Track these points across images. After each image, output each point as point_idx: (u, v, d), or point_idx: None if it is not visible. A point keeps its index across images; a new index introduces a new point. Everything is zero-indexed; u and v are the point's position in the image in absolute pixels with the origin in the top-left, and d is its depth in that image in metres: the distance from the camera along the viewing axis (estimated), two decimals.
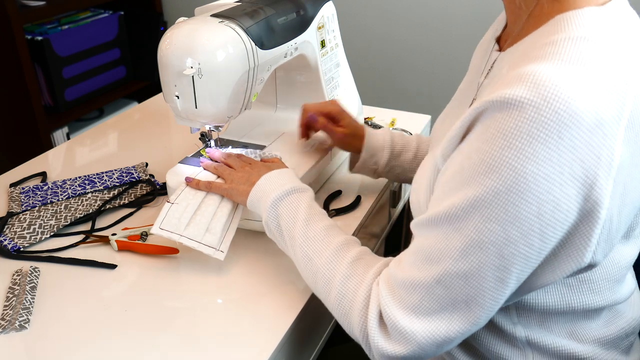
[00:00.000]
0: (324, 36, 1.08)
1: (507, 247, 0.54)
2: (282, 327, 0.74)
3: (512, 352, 0.68)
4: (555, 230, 0.54)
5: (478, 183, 0.54)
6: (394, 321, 0.60)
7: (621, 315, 0.70)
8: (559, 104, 0.50)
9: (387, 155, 0.96)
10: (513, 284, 0.57)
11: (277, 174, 0.82)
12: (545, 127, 0.50)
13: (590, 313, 0.67)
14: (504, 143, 0.52)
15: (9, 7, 1.75)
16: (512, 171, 0.52)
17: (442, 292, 0.58)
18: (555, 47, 0.54)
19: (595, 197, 0.53)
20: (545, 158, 0.51)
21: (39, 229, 0.91)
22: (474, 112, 0.56)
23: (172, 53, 0.83)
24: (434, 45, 1.98)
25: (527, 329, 0.67)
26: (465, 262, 0.56)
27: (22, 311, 0.75)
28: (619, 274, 0.66)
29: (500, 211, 0.53)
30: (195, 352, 0.71)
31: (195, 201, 0.85)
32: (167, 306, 0.78)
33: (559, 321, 0.67)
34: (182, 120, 0.91)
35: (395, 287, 0.61)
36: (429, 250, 0.59)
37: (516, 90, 0.52)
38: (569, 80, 0.51)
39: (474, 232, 0.55)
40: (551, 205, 0.52)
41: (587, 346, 0.68)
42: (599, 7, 0.58)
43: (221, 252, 0.82)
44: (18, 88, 1.85)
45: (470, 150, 0.56)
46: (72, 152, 1.22)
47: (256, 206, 0.81)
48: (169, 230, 0.82)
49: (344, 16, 1.39)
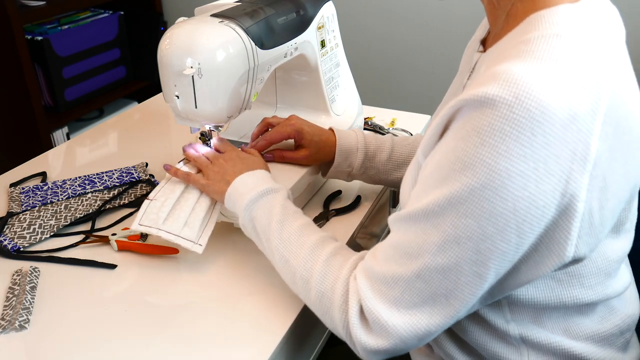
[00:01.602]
0: (324, 36, 1.08)
1: (484, 243, 0.55)
2: (282, 327, 0.74)
3: (507, 349, 0.69)
4: (532, 225, 0.54)
5: (454, 180, 0.55)
6: (375, 315, 0.61)
7: (616, 311, 0.70)
8: (531, 101, 0.51)
9: (361, 157, 0.94)
10: (491, 278, 0.58)
11: (250, 176, 0.82)
12: (518, 124, 0.51)
13: (583, 308, 0.67)
14: (478, 141, 0.53)
15: (9, 7, 1.75)
16: (487, 168, 0.53)
17: (422, 286, 0.59)
18: (528, 46, 0.55)
19: (572, 191, 0.53)
20: (519, 155, 0.52)
21: (39, 229, 0.91)
22: (450, 110, 0.56)
23: (172, 53, 0.83)
24: (434, 45, 1.98)
25: (520, 326, 0.67)
26: (443, 257, 0.57)
27: (22, 311, 0.75)
28: (609, 268, 0.66)
29: (475, 207, 0.54)
30: (195, 352, 0.71)
31: (174, 196, 0.86)
32: (167, 306, 0.78)
33: (553, 317, 0.67)
34: (182, 120, 0.91)
35: (375, 281, 0.62)
36: (407, 245, 0.60)
37: (489, 89, 0.52)
38: (541, 78, 0.52)
39: (450, 227, 0.56)
40: (527, 202, 0.53)
41: (582, 343, 0.68)
42: (572, 5, 0.58)
43: (199, 246, 0.82)
44: (18, 88, 1.85)
45: (447, 149, 0.57)
46: (72, 152, 1.22)
47: (232, 209, 0.81)
48: (148, 225, 0.83)
49: (344, 16, 1.39)
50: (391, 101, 2.07)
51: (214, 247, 0.89)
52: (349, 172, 0.96)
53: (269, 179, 0.82)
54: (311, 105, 1.11)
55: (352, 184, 1.07)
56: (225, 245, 0.90)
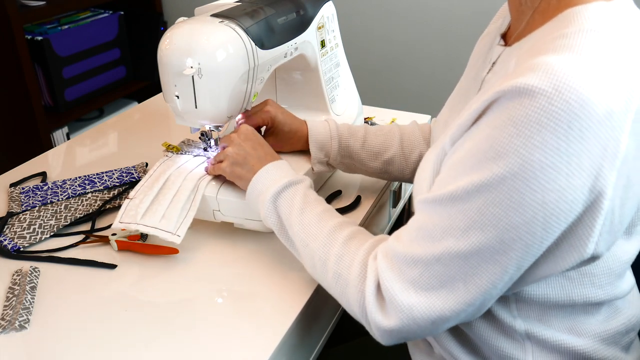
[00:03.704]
0: (324, 36, 1.08)
1: (508, 233, 0.55)
2: (282, 327, 0.74)
3: (511, 345, 0.69)
4: (559, 220, 0.54)
5: (485, 168, 0.55)
6: (391, 294, 0.61)
7: (620, 312, 0.71)
8: (571, 94, 0.51)
9: (336, 145, 0.95)
10: (512, 270, 0.57)
11: (273, 166, 0.82)
12: (556, 116, 0.51)
13: (590, 308, 0.67)
14: (514, 131, 0.53)
15: (9, 7, 1.75)
16: (520, 158, 0.53)
17: (441, 270, 0.59)
18: (566, 40, 0.55)
19: (600, 188, 0.53)
20: (554, 147, 0.52)
21: (39, 229, 0.91)
22: (486, 101, 0.56)
23: (172, 53, 0.83)
24: (434, 45, 1.98)
25: (526, 323, 0.67)
26: (466, 243, 0.57)
27: (22, 311, 0.75)
28: (620, 269, 0.66)
29: (504, 197, 0.54)
30: (195, 352, 0.71)
31: (152, 192, 0.87)
32: (167, 306, 0.78)
33: (559, 315, 0.67)
34: (182, 120, 0.91)
35: (395, 260, 0.62)
36: (431, 227, 0.60)
37: (528, 79, 0.52)
38: (582, 71, 0.51)
39: (476, 214, 0.56)
40: (556, 195, 0.53)
41: (587, 341, 0.68)
42: (606, 2, 0.59)
43: (177, 237, 0.83)
44: (18, 88, 1.85)
45: (480, 137, 0.56)
46: (72, 152, 1.22)
47: (254, 201, 0.82)
48: (127, 222, 0.84)
49: (344, 16, 1.39)
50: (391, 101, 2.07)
51: (214, 247, 0.89)
52: (327, 162, 0.97)
53: (291, 171, 0.83)
54: (311, 105, 1.11)
55: (352, 184, 1.07)
56: (225, 245, 0.90)
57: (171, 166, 0.92)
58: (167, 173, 0.90)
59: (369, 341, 0.92)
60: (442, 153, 0.64)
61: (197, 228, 0.93)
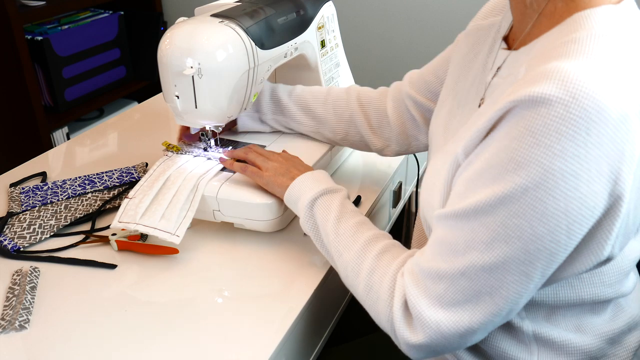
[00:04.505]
0: (324, 36, 1.08)
1: (533, 243, 0.55)
2: (283, 326, 0.74)
3: (518, 348, 0.69)
4: (581, 226, 0.54)
5: (506, 180, 0.55)
6: (418, 310, 0.61)
7: (624, 310, 0.71)
8: (587, 100, 0.50)
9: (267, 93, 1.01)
10: (538, 278, 0.57)
11: (313, 174, 0.83)
12: (574, 124, 0.51)
13: (596, 307, 0.68)
14: (533, 141, 0.53)
15: (9, 7, 1.74)
16: (541, 168, 0.52)
17: (467, 284, 0.59)
18: (577, 45, 0.54)
19: (619, 191, 0.54)
20: (574, 155, 0.51)
21: (39, 229, 0.91)
22: (500, 111, 0.56)
23: (172, 53, 0.83)
24: (434, 45, 1.97)
25: (534, 323, 0.67)
26: (490, 256, 0.57)
27: (22, 311, 0.75)
28: (628, 267, 0.67)
29: (527, 208, 0.54)
30: (195, 352, 0.71)
31: (152, 192, 0.87)
32: (167, 306, 0.78)
33: (567, 314, 0.67)
34: (182, 120, 0.91)
35: (420, 277, 0.62)
36: (454, 242, 0.60)
37: (543, 88, 0.52)
38: (595, 77, 0.51)
39: (500, 227, 0.56)
40: (578, 202, 0.53)
41: (593, 340, 0.68)
42: (614, 6, 0.59)
43: (177, 237, 0.83)
44: (18, 88, 1.85)
45: (498, 148, 0.56)
46: (72, 152, 1.22)
47: (293, 204, 0.83)
48: (126, 221, 0.84)
49: (344, 16, 1.39)
50: None
51: (214, 247, 0.89)
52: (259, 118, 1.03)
53: (330, 180, 0.84)
54: None
55: (352, 184, 1.07)
56: (225, 245, 0.90)
57: (171, 166, 0.92)
58: (167, 173, 0.90)
59: (369, 341, 0.92)
60: (454, 164, 0.63)
61: (197, 228, 0.93)
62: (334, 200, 0.79)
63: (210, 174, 0.90)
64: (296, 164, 0.88)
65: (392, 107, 0.96)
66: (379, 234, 0.74)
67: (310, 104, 1.00)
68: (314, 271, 0.84)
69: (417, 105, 0.93)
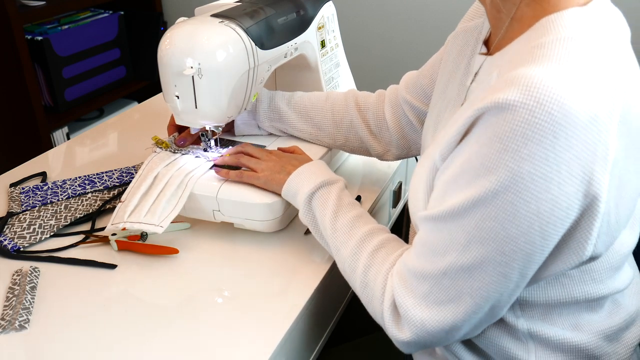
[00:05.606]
0: (324, 36, 1.09)
1: (508, 245, 0.56)
2: (283, 326, 0.74)
3: (515, 345, 0.69)
4: (555, 227, 0.55)
5: (478, 184, 0.56)
6: (405, 310, 0.64)
7: (622, 306, 0.71)
8: (552, 104, 0.51)
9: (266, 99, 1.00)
10: (517, 278, 0.59)
11: (310, 166, 0.84)
12: (540, 128, 0.52)
13: (592, 304, 0.68)
14: (500, 146, 0.54)
15: (9, 7, 1.75)
16: (510, 172, 0.53)
17: (449, 284, 0.61)
18: (543, 50, 0.55)
19: (594, 192, 0.54)
20: (542, 158, 0.52)
21: (39, 229, 0.91)
22: (471, 118, 0.57)
23: (172, 53, 0.83)
24: (433, 45, 1.97)
25: (530, 322, 0.68)
26: (468, 257, 0.58)
27: (22, 311, 0.75)
28: (619, 262, 0.67)
29: (499, 210, 0.55)
30: (195, 352, 0.71)
31: (140, 192, 0.88)
32: (167, 306, 0.78)
33: (563, 313, 0.68)
34: (182, 120, 0.91)
35: (407, 277, 0.65)
36: (435, 243, 0.61)
37: (508, 94, 0.53)
38: (561, 81, 0.52)
39: (475, 229, 0.57)
40: (550, 204, 0.54)
41: (591, 337, 0.68)
42: (581, 8, 0.59)
43: (160, 227, 0.84)
44: (18, 88, 1.85)
45: (470, 153, 0.57)
46: (72, 152, 1.22)
47: (292, 199, 0.84)
48: (117, 222, 0.86)
49: (344, 16, 1.39)
50: None
51: (213, 247, 0.89)
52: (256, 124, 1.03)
53: (327, 170, 0.85)
54: None
55: (352, 184, 1.07)
56: (225, 245, 0.90)
57: (159, 163, 0.92)
58: (155, 171, 0.91)
59: (369, 340, 0.92)
60: (433, 168, 0.65)
61: (197, 228, 0.93)
62: (331, 193, 0.80)
63: (199, 171, 0.90)
64: (290, 160, 0.88)
65: (390, 112, 0.96)
66: (375, 229, 0.75)
67: (309, 112, 1.00)
68: (314, 271, 0.84)
69: (414, 109, 0.94)
